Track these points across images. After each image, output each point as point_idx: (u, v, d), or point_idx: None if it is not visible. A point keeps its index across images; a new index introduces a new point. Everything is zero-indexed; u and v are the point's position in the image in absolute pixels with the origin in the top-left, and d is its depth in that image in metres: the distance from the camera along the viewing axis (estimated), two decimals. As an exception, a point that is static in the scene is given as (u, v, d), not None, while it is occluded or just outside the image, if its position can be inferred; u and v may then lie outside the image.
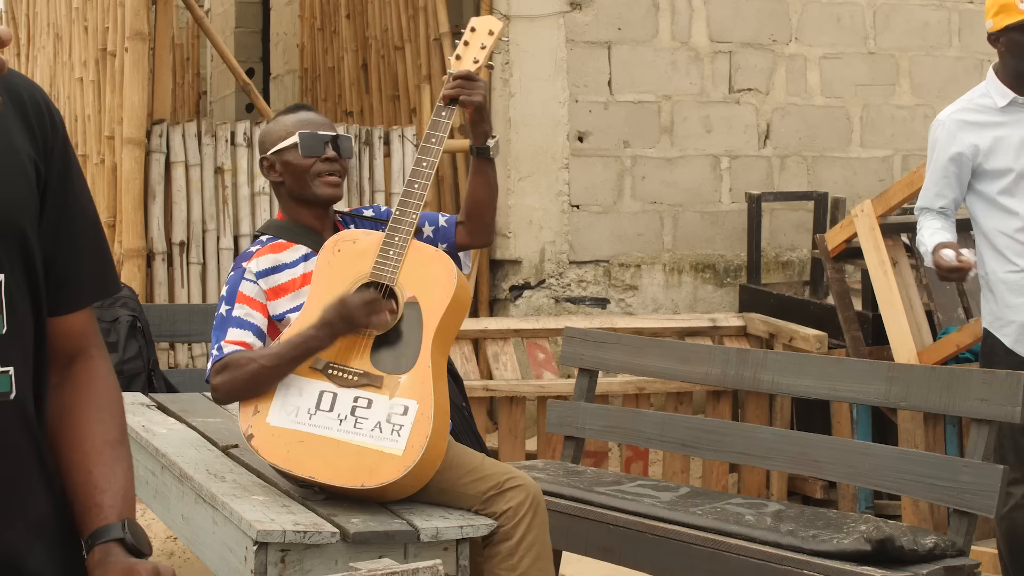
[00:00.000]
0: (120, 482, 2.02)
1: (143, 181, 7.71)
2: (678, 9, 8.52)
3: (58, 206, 1.98)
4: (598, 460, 6.93)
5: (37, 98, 1.98)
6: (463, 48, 4.12)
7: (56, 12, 10.18)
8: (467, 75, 4.03)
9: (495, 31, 4.14)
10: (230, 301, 3.95)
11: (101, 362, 2.09)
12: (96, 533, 1.97)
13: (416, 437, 3.67)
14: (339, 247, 3.94)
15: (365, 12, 10.22)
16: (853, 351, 6.68)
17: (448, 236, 4.14)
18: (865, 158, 8.95)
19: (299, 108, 4.22)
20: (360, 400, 3.76)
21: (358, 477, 3.67)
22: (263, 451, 3.77)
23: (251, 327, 3.91)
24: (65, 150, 2.00)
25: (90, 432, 2.02)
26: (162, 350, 7.62)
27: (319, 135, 4.05)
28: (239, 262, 4.04)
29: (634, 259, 8.44)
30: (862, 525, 4.38)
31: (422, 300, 3.85)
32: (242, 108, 14.02)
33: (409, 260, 3.89)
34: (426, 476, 3.73)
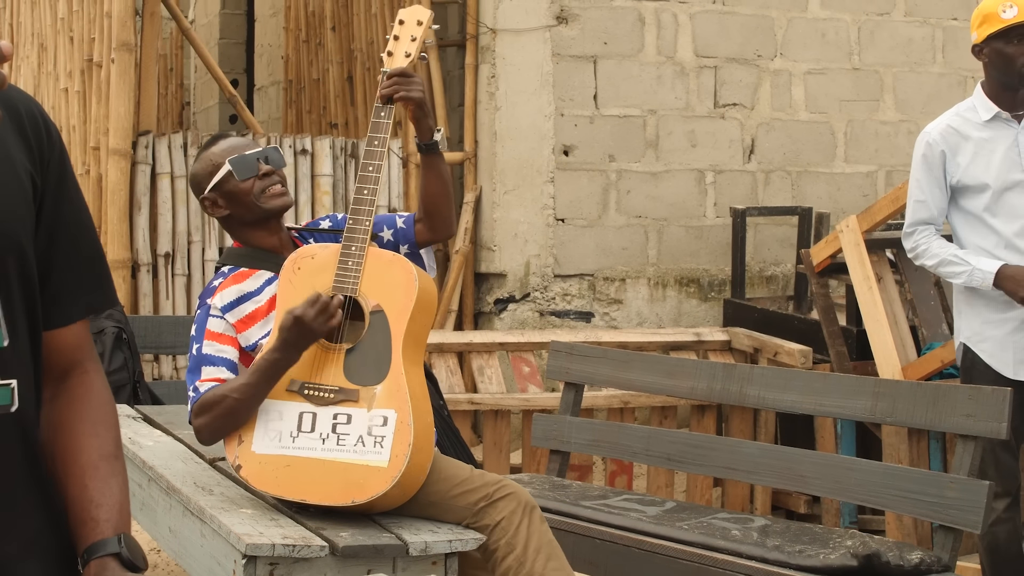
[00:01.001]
0: (116, 496, 2.02)
1: (128, 192, 7.70)
2: (664, 24, 8.54)
3: (54, 219, 1.98)
4: (583, 474, 6.94)
5: (34, 111, 1.98)
6: (393, 44, 4.08)
7: (41, 22, 10.15)
8: (402, 72, 3.99)
9: (424, 20, 4.09)
10: (199, 339, 3.95)
11: (96, 376, 2.10)
12: (92, 547, 1.97)
13: (399, 446, 3.68)
14: (299, 264, 3.94)
15: (351, 24, 10.22)
16: (837, 366, 6.70)
17: (408, 236, 4.14)
18: (849, 173, 8.98)
19: (218, 138, 4.23)
20: (339, 416, 3.76)
21: (348, 494, 3.68)
22: (253, 480, 3.77)
23: (223, 362, 3.90)
24: (62, 163, 2.00)
25: (85, 446, 2.02)
26: (147, 361, 7.61)
27: (247, 155, 4.04)
28: (203, 299, 4.03)
29: (619, 273, 8.46)
30: (848, 540, 4.40)
31: (387, 307, 3.84)
32: (226, 119, 14.02)
33: (369, 268, 3.88)
34: (416, 483, 3.74)
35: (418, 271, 3.92)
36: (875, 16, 9.02)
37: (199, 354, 3.92)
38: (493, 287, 8.37)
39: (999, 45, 4.91)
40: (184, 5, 15.59)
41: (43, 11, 10.01)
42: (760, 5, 8.76)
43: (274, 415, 3.80)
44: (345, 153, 8.29)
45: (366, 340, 3.83)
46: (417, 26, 4.08)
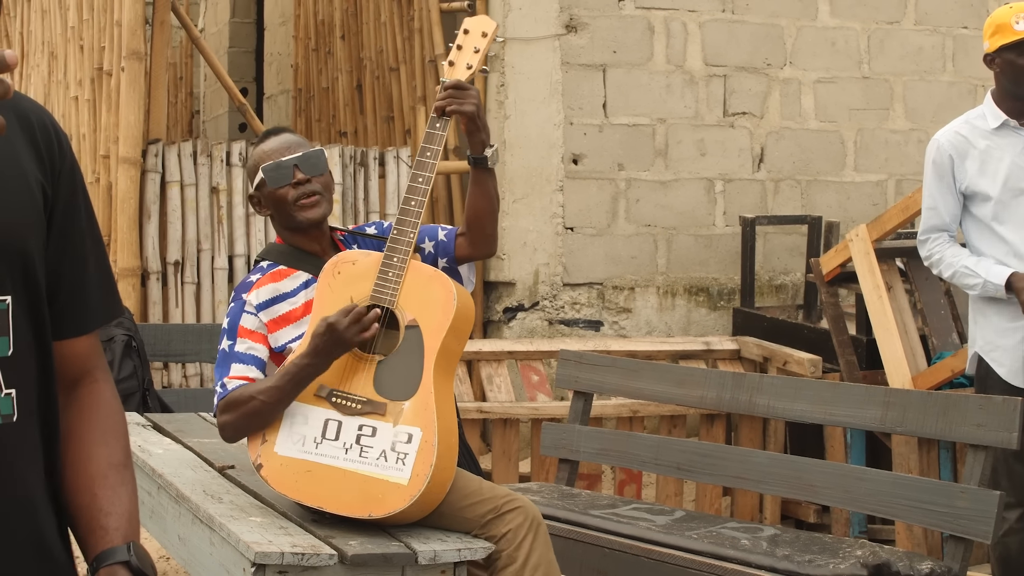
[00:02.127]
0: (125, 505, 2.02)
1: (138, 200, 7.71)
2: (673, 33, 8.54)
3: (65, 230, 1.98)
4: (591, 483, 6.93)
5: (45, 122, 1.98)
6: (456, 53, 4.00)
7: (51, 30, 10.18)
8: (457, 84, 3.93)
9: (489, 32, 4.00)
10: (231, 336, 3.93)
11: (105, 385, 2.10)
12: (101, 555, 1.97)
13: (420, 465, 3.66)
14: (339, 269, 3.91)
15: (360, 33, 10.23)
16: (847, 375, 6.69)
17: (448, 250, 4.08)
18: (859, 182, 8.97)
19: (267, 136, 4.17)
20: (364, 428, 3.75)
21: (366, 507, 3.68)
22: (272, 481, 3.77)
23: (253, 360, 3.90)
24: (72, 174, 2.00)
25: (95, 455, 2.03)
26: (156, 369, 7.61)
27: (282, 163, 4.00)
28: (239, 293, 4.01)
29: (628, 282, 8.45)
30: (858, 550, 4.39)
31: (422, 322, 3.81)
32: (235, 127, 14.03)
33: (408, 281, 3.84)
34: (434, 502, 3.73)
35: (458, 289, 3.87)
36: (885, 25, 9.01)
37: (229, 351, 3.91)
38: (502, 295, 8.36)
39: (1011, 56, 4.91)
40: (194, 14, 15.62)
41: (53, 20, 10.04)
42: (770, 14, 8.76)
43: (300, 418, 3.80)
44: (354, 162, 8.29)
45: (399, 354, 3.80)
46: (481, 37, 4.00)
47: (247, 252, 7.92)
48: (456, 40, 4.02)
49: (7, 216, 1.87)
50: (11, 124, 1.92)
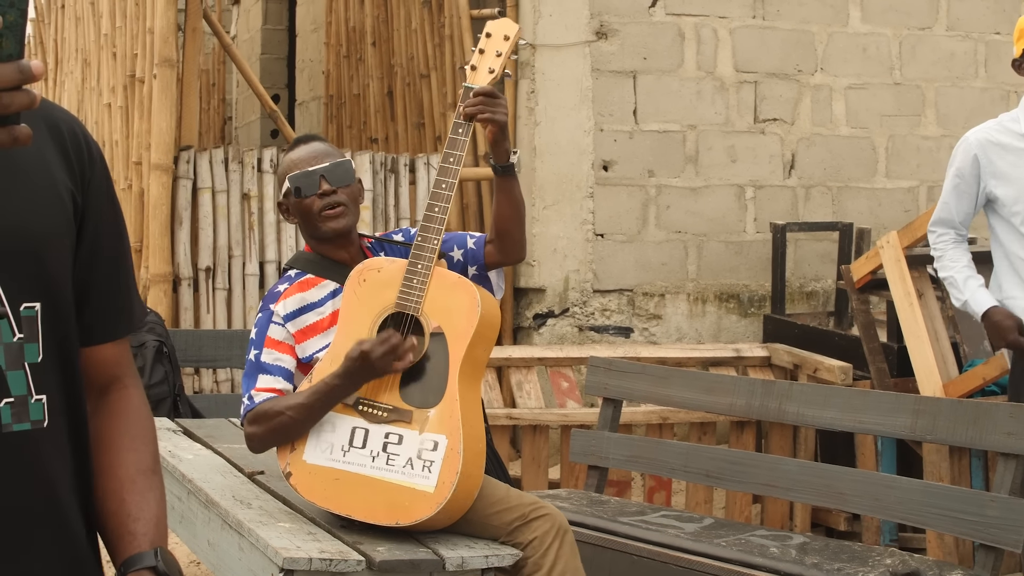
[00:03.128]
0: (153, 510, 2.03)
1: (170, 207, 7.74)
2: (703, 39, 8.53)
3: (94, 238, 2.00)
4: (621, 490, 6.92)
5: (76, 130, 2.00)
6: (478, 57, 3.96)
7: (85, 38, 10.24)
8: (488, 92, 3.88)
9: (511, 35, 3.97)
10: (259, 345, 3.95)
11: (135, 391, 2.11)
12: (129, 560, 1.98)
13: (446, 473, 3.67)
14: (364, 276, 3.92)
15: (391, 40, 10.26)
16: (878, 383, 6.66)
17: (478, 257, 4.09)
18: (890, 189, 8.94)
19: (296, 144, 4.16)
20: (391, 436, 3.76)
21: (393, 515, 3.69)
22: (301, 489, 3.79)
23: (280, 371, 3.92)
24: (103, 182, 2.02)
25: (124, 460, 2.04)
26: (187, 375, 7.64)
27: (308, 172, 3.99)
28: (267, 303, 4.02)
29: (658, 288, 8.44)
30: (887, 559, 4.38)
31: (447, 330, 3.82)
32: (267, 134, 14.08)
33: (433, 288, 3.85)
34: (461, 509, 3.73)
35: (482, 296, 3.87)
36: (916, 31, 8.98)
37: (257, 361, 3.93)
38: (532, 302, 8.36)
39: None
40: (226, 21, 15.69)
41: (87, 27, 10.10)
42: (801, 20, 8.74)
43: (327, 427, 3.81)
44: (385, 168, 8.31)
45: (424, 361, 3.81)
46: (504, 41, 3.97)
47: (278, 258, 7.95)
48: (478, 44, 3.99)
49: (37, 225, 1.89)
50: (41, 133, 1.93)
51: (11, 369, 1.85)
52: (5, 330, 1.84)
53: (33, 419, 1.87)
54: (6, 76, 1.42)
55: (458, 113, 3.93)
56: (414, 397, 3.79)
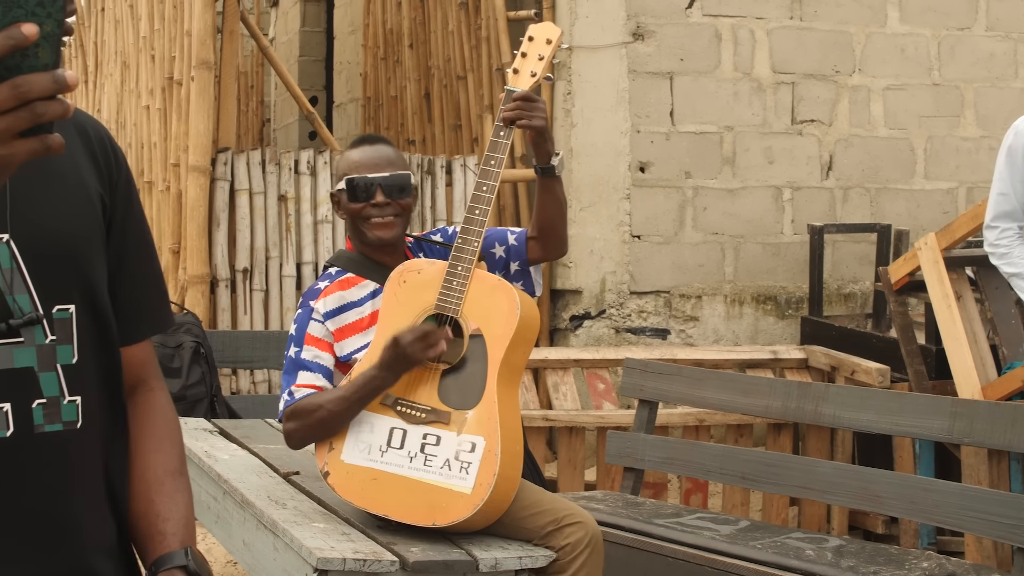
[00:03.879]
0: (181, 510, 2.05)
1: (208, 208, 7.77)
2: (740, 40, 8.51)
3: (121, 240, 2.02)
4: (657, 492, 6.91)
5: (102, 135, 2.03)
6: (520, 61, 3.97)
7: (124, 40, 10.30)
8: (526, 96, 3.90)
9: (553, 39, 3.97)
10: (299, 343, 3.96)
11: (161, 393, 2.13)
12: (159, 560, 2.00)
13: (484, 475, 3.67)
14: (404, 278, 3.92)
15: (428, 42, 10.27)
16: (916, 385, 6.62)
17: (520, 253, 4.09)
18: (929, 190, 8.89)
19: (362, 142, 4.14)
20: (429, 437, 3.76)
21: (430, 516, 3.69)
22: (339, 489, 3.80)
23: (320, 369, 3.92)
24: (128, 186, 2.05)
25: (151, 462, 2.05)
26: (224, 376, 7.67)
27: (368, 179, 3.98)
28: (306, 299, 4.02)
29: (695, 290, 8.42)
30: (924, 562, 4.35)
31: (486, 332, 3.82)
32: (305, 136, 14.13)
33: (473, 290, 3.85)
34: (498, 511, 3.73)
35: (521, 298, 3.87)
36: (955, 31, 8.93)
37: (296, 358, 3.94)
38: (569, 303, 8.36)
39: None
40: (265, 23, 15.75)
41: (126, 30, 10.16)
42: (838, 21, 8.71)
43: (366, 427, 3.82)
44: (422, 169, 8.32)
45: (463, 363, 3.82)
46: (546, 44, 3.97)
47: (315, 259, 7.97)
48: (521, 47, 4.00)
49: (71, 227, 1.91)
50: (72, 138, 1.96)
51: (43, 371, 1.87)
52: (38, 332, 1.86)
53: (66, 420, 1.89)
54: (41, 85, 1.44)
55: (498, 116, 3.94)
56: (452, 399, 3.79)
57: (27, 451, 1.84)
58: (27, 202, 1.87)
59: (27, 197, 1.87)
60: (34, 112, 1.45)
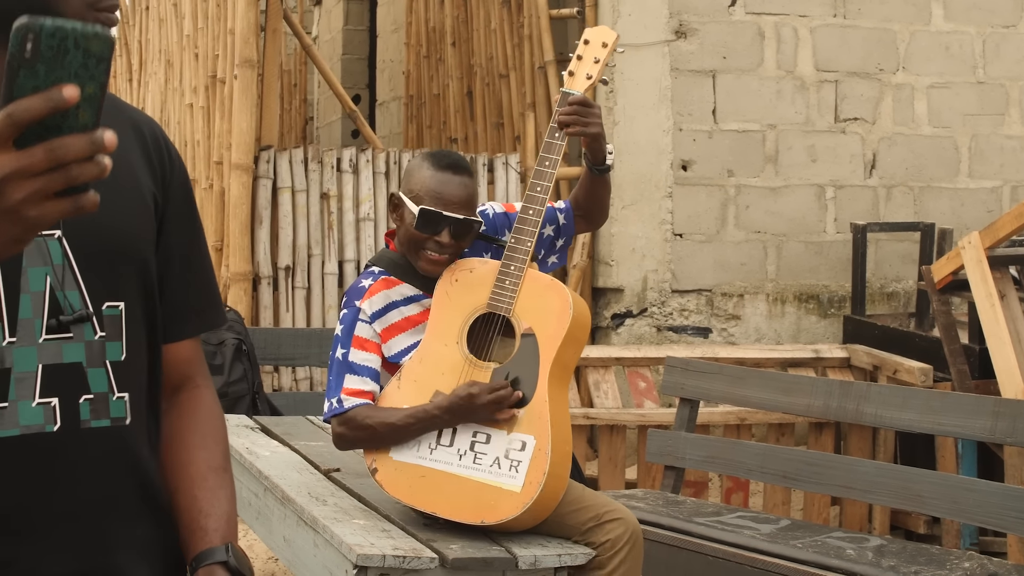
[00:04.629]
0: (224, 507, 2.05)
1: (250, 206, 7.81)
2: (784, 38, 8.48)
3: (171, 238, 2.04)
4: (698, 490, 6.90)
5: (157, 134, 2.05)
6: (576, 63, 3.95)
7: (167, 39, 10.35)
8: (583, 101, 3.87)
9: (609, 43, 3.95)
10: (346, 344, 3.91)
11: (206, 391, 2.15)
12: (200, 556, 2.01)
13: (534, 473, 3.68)
14: (456, 276, 3.92)
15: (470, 40, 10.28)
16: (959, 385, 6.59)
17: (568, 231, 4.11)
18: (973, 189, 8.84)
19: (448, 167, 3.94)
20: (479, 435, 3.77)
21: (478, 514, 3.69)
22: (387, 486, 3.80)
23: (368, 372, 3.89)
24: (183, 184, 2.07)
25: (195, 458, 2.07)
26: (266, 373, 7.70)
27: (442, 216, 3.85)
28: (351, 299, 3.96)
29: (737, 288, 8.40)
30: (966, 562, 4.33)
31: (538, 331, 3.82)
32: (348, 134, 14.17)
33: (525, 290, 3.85)
34: (547, 510, 3.73)
35: (574, 298, 3.87)
36: (1000, 28, 8.87)
37: (344, 360, 3.89)
38: (610, 302, 8.35)
39: None
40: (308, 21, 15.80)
41: (170, 28, 10.21)
42: (882, 18, 8.67)
43: None
44: (463, 168, 8.32)
45: (514, 362, 3.81)
46: (602, 48, 3.95)
47: (357, 257, 7.99)
48: (576, 51, 3.98)
49: (123, 224, 1.93)
50: (127, 136, 1.98)
51: (92, 366, 1.88)
52: (87, 329, 1.87)
53: (114, 416, 1.90)
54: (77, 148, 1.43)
55: (554, 118, 3.92)
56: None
57: (73, 446, 1.86)
58: None
59: None
60: (68, 175, 1.43)
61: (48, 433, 1.84)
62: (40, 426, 1.83)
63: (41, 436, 1.83)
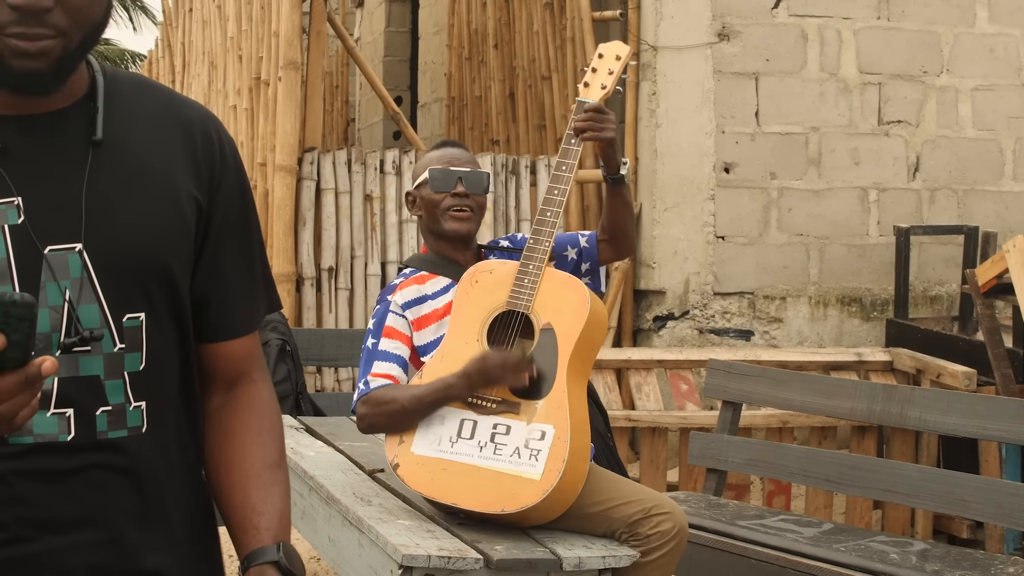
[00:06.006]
0: (277, 505, 2.04)
1: (294, 207, 7.85)
2: (827, 40, 8.46)
3: (221, 238, 2.02)
4: (740, 493, 6.89)
5: (209, 131, 2.02)
6: (591, 75, 4.14)
7: (211, 41, 10.41)
8: (597, 108, 4.05)
9: (622, 56, 4.15)
10: (376, 335, 4.05)
11: (263, 385, 2.13)
12: (252, 555, 2.00)
13: (553, 461, 3.71)
14: (476, 278, 4.03)
15: (513, 42, 10.30)
16: (1003, 389, 6.56)
17: (592, 255, 4.22)
18: (1018, 192, 8.79)
19: (443, 144, 4.31)
20: (499, 427, 3.81)
21: (499, 502, 3.72)
22: (408, 479, 3.84)
23: (396, 359, 4.01)
24: (235, 182, 2.05)
25: (249, 454, 2.06)
26: (309, 373, 7.73)
27: (450, 171, 4.13)
28: (384, 295, 4.13)
29: (779, 291, 8.38)
30: (1010, 567, 4.32)
31: (557, 326, 3.90)
32: (390, 135, 14.20)
33: (543, 287, 3.95)
34: (567, 499, 3.76)
35: (591, 296, 3.97)
36: (1046, 32, 8.82)
37: (374, 349, 4.02)
38: (652, 304, 8.35)
39: None
40: (350, 23, 15.85)
41: (213, 31, 10.27)
42: (926, 21, 8.63)
43: (436, 420, 3.88)
44: (506, 170, 8.35)
45: (533, 356, 3.88)
46: (615, 60, 4.15)
47: (399, 258, 8.02)
48: (591, 63, 4.17)
49: (149, 234, 1.91)
50: (173, 137, 1.97)
51: (109, 379, 1.88)
52: (107, 341, 1.87)
53: (130, 426, 1.90)
54: (6, 384, 1.62)
55: (570, 126, 4.09)
56: (522, 389, 3.86)
57: (88, 455, 1.86)
58: (104, 211, 1.88)
59: (104, 205, 1.88)
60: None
61: (62, 443, 1.84)
62: (54, 435, 1.84)
63: (54, 445, 1.84)
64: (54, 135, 1.88)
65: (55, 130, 1.89)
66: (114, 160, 1.90)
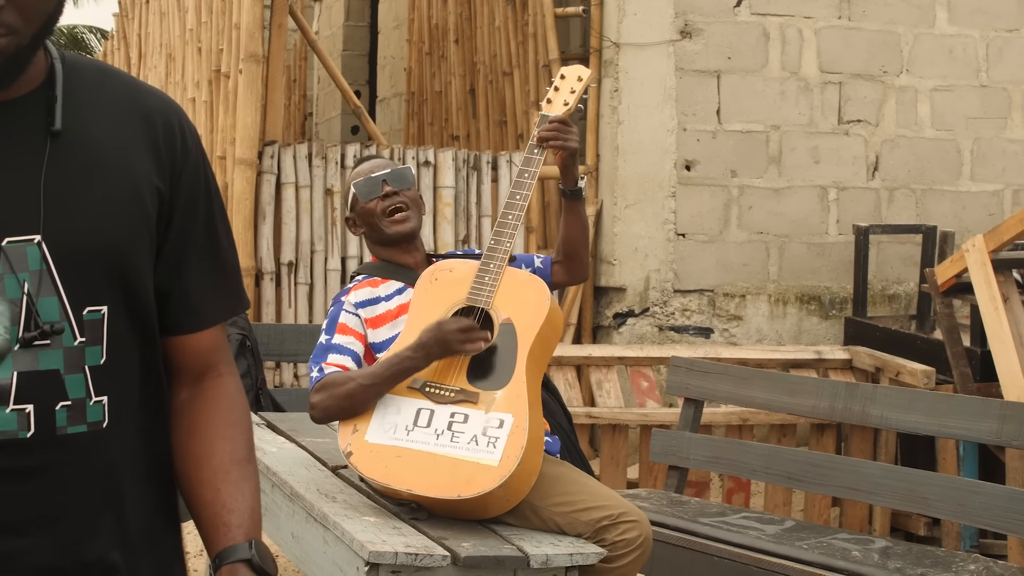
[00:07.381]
0: (247, 501, 2.02)
1: (254, 201, 7.81)
2: (788, 39, 8.49)
3: (185, 228, 1.99)
4: (700, 490, 6.91)
5: (171, 120, 1.98)
6: (554, 93, 4.29)
7: (169, 33, 10.34)
8: (562, 120, 4.17)
9: (584, 78, 4.31)
10: (330, 331, 4.08)
11: (230, 379, 2.10)
12: (224, 553, 1.98)
13: (511, 448, 3.72)
14: (436, 276, 4.08)
15: (474, 37, 10.28)
16: (961, 387, 6.60)
17: (545, 276, 4.26)
18: (975, 192, 8.85)
19: (359, 162, 4.43)
20: (456, 415, 3.82)
21: (455, 488, 3.72)
22: (361, 467, 3.82)
23: (350, 353, 4.03)
24: (196, 171, 2.00)
25: (218, 449, 2.02)
26: (268, 369, 7.69)
27: (372, 177, 4.22)
28: (337, 298, 4.18)
29: (739, 289, 8.41)
30: (971, 565, 4.34)
31: (516, 320, 3.94)
32: (348, 130, 14.16)
33: (504, 285, 4.00)
34: (523, 488, 3.77)
35: (551, 295, 4.05)
36: (1004, 32, 8.88)
37: (327, 343, 4.04)
38: (612, 301, 8.36)
39: None
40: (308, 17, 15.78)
41: (172, 22, 10.20)
42: (887, 21, 8.68)
43: (392, 409, 3.87)
44: (467, 165, 8.33)
45: (492, 349, 3.91)
46: (577, 81, 4.31)
47: (360, 254, 7.99)
48: (553, 83, 4.32)
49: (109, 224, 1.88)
50: (134, 126, 1.93)
51: (69, 373, 1.85)
52: (67, 335, 1.84)
53: (90, 421, 1.87)
54: None
55: (533, 136, 4.19)
56: (481, 380, 3.89)
57: (48, 452, 1.84)
58: (63, 201, 1.85)
59: (63, 196, 1.85)
60: None
61: (21, 439, 1.82)
62: (13, 432, 1.81)
63: (14, 442, 1.81)
64: (10, 125, 1.85)
65: (11, 120, 1.86)
66: (73, 150, 1.87)
